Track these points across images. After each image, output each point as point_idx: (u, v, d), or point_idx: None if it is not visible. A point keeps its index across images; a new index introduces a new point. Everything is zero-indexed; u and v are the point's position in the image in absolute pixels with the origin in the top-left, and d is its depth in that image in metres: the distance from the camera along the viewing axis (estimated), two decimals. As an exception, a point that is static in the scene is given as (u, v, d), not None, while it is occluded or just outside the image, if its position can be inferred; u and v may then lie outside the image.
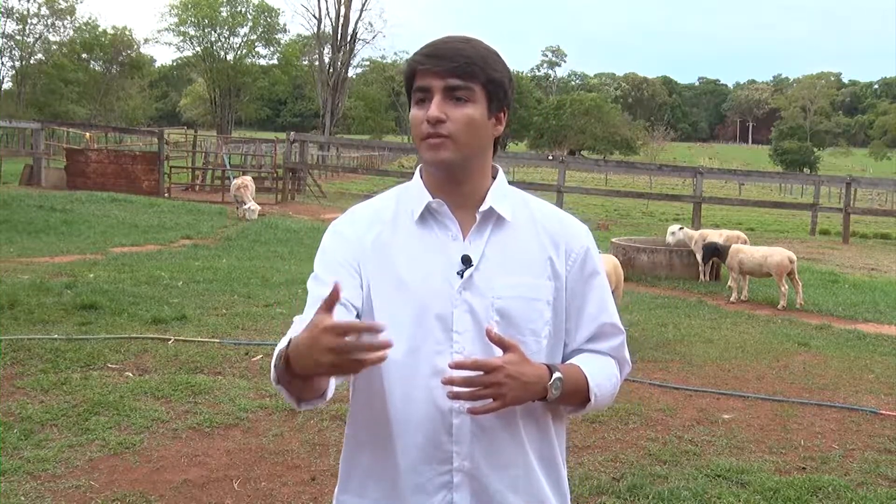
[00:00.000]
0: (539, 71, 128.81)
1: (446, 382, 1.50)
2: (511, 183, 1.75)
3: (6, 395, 5.31)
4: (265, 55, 71.67)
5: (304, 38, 68.80)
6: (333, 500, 1.72)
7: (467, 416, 1.57)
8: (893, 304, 10.76)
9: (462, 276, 1.60)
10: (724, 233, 12.58)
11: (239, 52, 67.68)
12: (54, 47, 61.50)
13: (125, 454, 4.52)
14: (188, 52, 68.99)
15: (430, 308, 1.59)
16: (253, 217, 16.57)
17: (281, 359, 1.43)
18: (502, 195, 1.67)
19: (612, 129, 79.65)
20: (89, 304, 7.75)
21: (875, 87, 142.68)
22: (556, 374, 1.57)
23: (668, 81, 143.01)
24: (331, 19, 52.84)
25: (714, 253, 10.89)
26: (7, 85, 62.63)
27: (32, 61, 60.57)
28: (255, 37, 68.55)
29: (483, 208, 1.64)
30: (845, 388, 6.66)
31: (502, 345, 1.52)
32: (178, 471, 4.36)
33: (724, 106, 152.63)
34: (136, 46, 66.14)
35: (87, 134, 29.64)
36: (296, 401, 1.54)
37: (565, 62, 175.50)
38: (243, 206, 16.81)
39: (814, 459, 4.98)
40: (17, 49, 59.83)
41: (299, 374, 1.40)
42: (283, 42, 71.18)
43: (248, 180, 17.63)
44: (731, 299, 10.52)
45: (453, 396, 1.51)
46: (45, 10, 59.96)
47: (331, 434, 4.90)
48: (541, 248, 1.66)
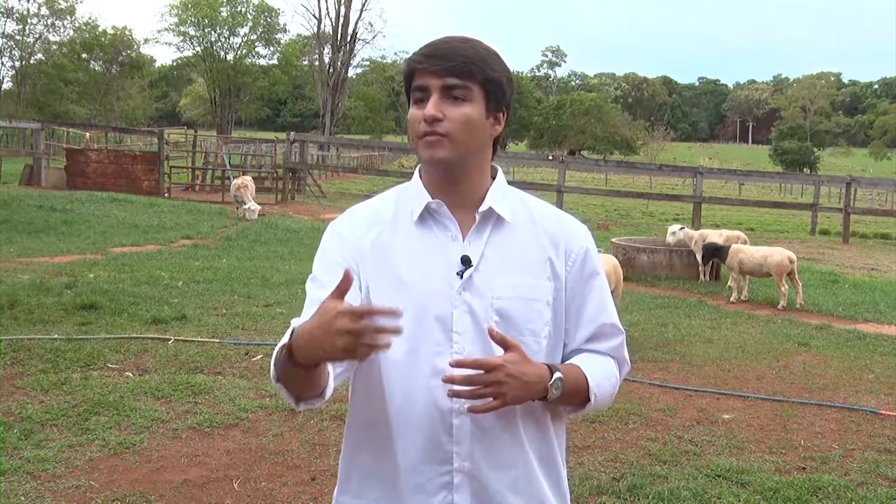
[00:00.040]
0: (539, 71, 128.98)
1: (446, 380, 1.50)
2: (511, 183, 1.75)
3: (6, 395, 5.31)
4: (265, 55, 71.79)
5: (304, 38, 68.82)
6: (333, 500, 1.72)
7: (467, 416, 1.57)
8: (893, 304, 10.76)
9: (461, 277, 1.60)
10: (724, 233, 12.58)
11: (239, 52, 67.69)
12: (54, 47, 61.53)
13: (125, 454, 4.52)
14: (188, 52, 69.10)
15: (430, 308, 1.59)
16: (253, 217, 16.57)
17: (283, 350, 1.43)
18: (502, 195, 1.67)
19: (612, 129, 79.66)
20: (89, 304, 7.76)
21: (875, 87, 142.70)
22: (556, 374, 1.57)
23: (668, 81, 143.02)
24: (331, 19, 52.88)
25: (714, 253, 10.90)
26: (7, 85, 62.74)
27: (32, 61, 60.58)
28: (255, 37, 68.57)
29: (482, 209, 1.64)
30: (845, 388, 6.66)
31: (504, 344, 1.53)
32: (178, 471, 4.36)
33: (724, 106, 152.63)
34: (136, 46, 66.18)
35: (87, 134, 29.64)
36: (295, 400, 1.54)
37: (565, 62, 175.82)
38: (243, 206, 16.81)
39: (814, 459, 4.98)
40: (17, 49, 59.88)
41: (302, 364, 1.40)
42: (283, 42, 71.28)
43: (248, 180, 17.63)
44: (731, 299, 10.52)
45: (453, 395, 1.51)
46: (45, 10, 60.02)
47: (331, 434, 4.90)
48: (540, 249, 1.66)
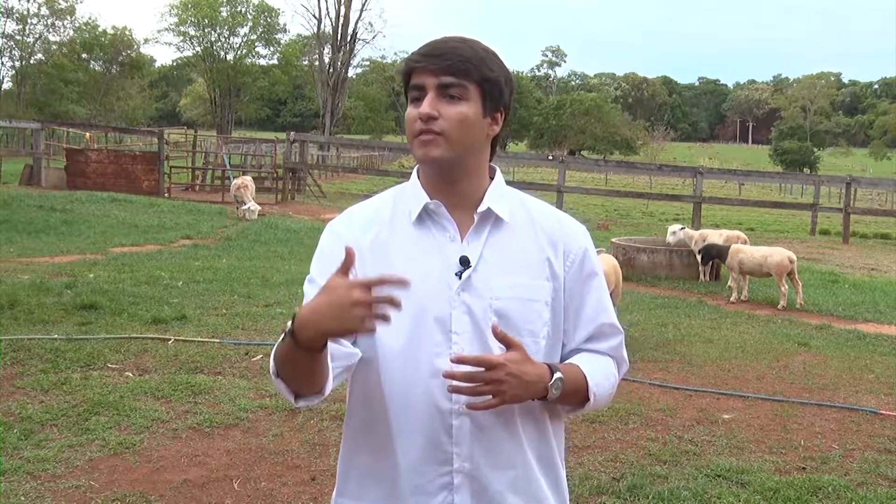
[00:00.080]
0: (539, 71, 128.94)
1: (447, 376, 1.50)
2: (511, 183, 1.75)
3: (6, 395, 5.31)
4: (265, 55, 71.77)
5: (304, 38, 68.82)
6: (331, 502, 1.71)
7: (467, 416, 1.57)
8: (893, 304, 10.76)
9: (460, 278, 1.60)
10: (724, 233, 12.58)
11: (239, 52, 67.68)
12: (54, 47, 61.53)
13: (125, 454, 4.52)
14: (188, 52, 69.09)
15: (429, 309, 1.58)
16: (253, 217, 16.57)
17: (286, 335, 1.43)
18: (500, 196, 1.67)
19: (612, 129, 79.68)
20: (89, 304, 7.76)
21: (875, 87, 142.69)
22: (556, 375, 1.57)
23: (668, 81, 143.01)
24: (331, 19, 52.86)
25: (713, 255, 10.90)
26: (7, 85, 62.74)
27: (32, 61, 60.58)
28: (255, 37, 68.56)
29: (481, 209, 1.63)
30: (845, 388, 6.66)
31: (506, 342, 1.53)
32: (178, 471, 4.36)
33: (724, 106, 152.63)
34: (136, 46, 66.19)
35: (87, 134, 29.64)
36: (294, 396, 1.53)
37: (565, 62, 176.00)
38: (243, 206, 16.81)
39: (814, 459, 4.98)
40: (17, 49, 59.88)
41: (307, 347, 1.40)
42: (283, 42, 71.27)
43: (248, 180, 17.63)
44: (731, 299, 10.52)
45: (453, 390, 1.51)
46: (45, 10, 60.01)
47: (331, 434, 4.89)
48: (539, 249, 1.66)
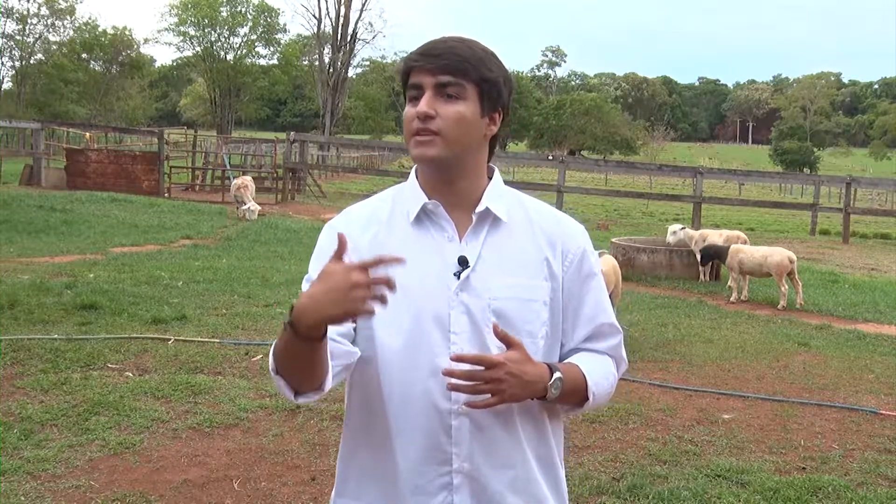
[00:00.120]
0: (539, 71, 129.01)
1: (446, 374, 1.50)
2: (511, 183, 1.75)
3: (6, 395, 5.31)
4: (265, 55, 71.73)
5: (304, 38, 68.80)
6: (330, 502, 1.71)
7: (466, 417, 1.57)
8: (893, 304, 10.76)
9: (458, 278, 1.60)
10: (724, 233, 12.58)
11: (239, 52, 67.66)
12: (54, 47, 61.52)
13: (125, 454, 4.52)
14: (188, 52, 69.07)
15: (427, 309, 1.58)
16: (253, 217, 16.57)
17: (286, 326, 1.42)
18: (498, 195, 1.66)
19: (612, 129, 79.70)
20: (89, 304, 7.76)
21: (875, 87, 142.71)
22: (556, 374, 1.57)
23: (668, 81, 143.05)
24: (331, 19, 52.85)
25: (713, 255, 10.90)
26: (7, 85, 62.73)
27: (32, 61, 60.58)
28: (255, 37, 68.54)
29: (479, 209, 1.63)
30: (845, 388, 6.66)
31: (507, 341, 1.53)
32: (178, 471, 4.36)
33: (724, 106, 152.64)
34: (136, 46, 66.19)
35: (87, 134, 29.64)
36: (294, 393, 1.53)
37: (565, 62, 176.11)
38: (243, 206, 16.82)
39: (814, 459, 4.98)
40: (17, 49, 59.88)
41: (307, 337, 1.40)
42: (283, 42, 71.23)
43: (248, 180, 17.63)
44: (731, 299, 10.52)
45: (452, 388, 1.51)
46: (45, 10, 60.02)
47: (331, 434, 4.89)
48: (537, 249, 1.66)
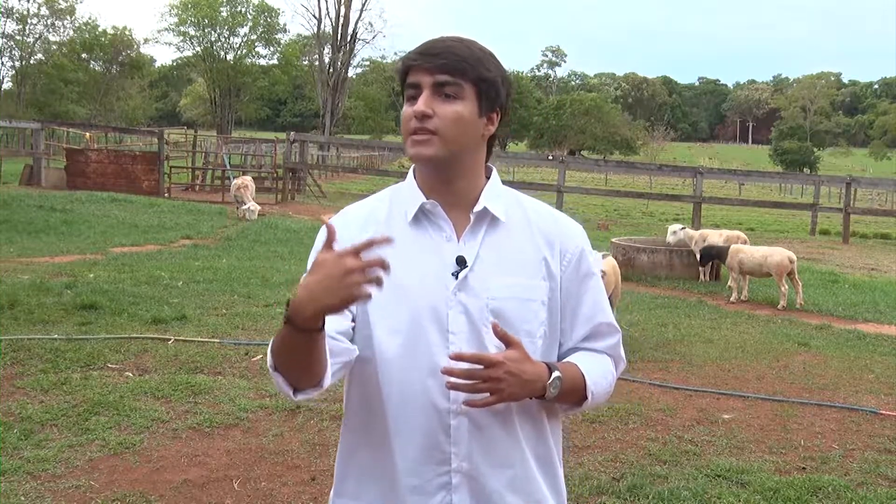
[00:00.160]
0: (539, 71, 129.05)
1: (445, 372, 1.50)
2: (511, 183, 1.75)
3: (6, 395, 5.31)
4: (265, 55, 71.69)
5: (304, 38, 68.76)
6: (329, 502, 1.71)
7: (464, 416, 1.57)
8: (893, 304, 10.76)
9: (457, 278, 1.60)
10: (724, 233, 12.58)
11: (239, 52, 67.64)
12: (54, 47, 61.51)
13: (125, 454, 4.52)
14: (188, 52, 69.04)
15: (426, 309, 1.58)
16: (253, 217, 16.57)
17: (284, 320, 1.42)
18: (496, 195, 1.67)
19: (612, 129, 79.69)
20: (89, 304, 7.75)
21: (875, 87, 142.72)
22: (555, 374, 1.57)
23: (668, 81, 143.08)
24: (331, 19, 52.85)
25: (713, 255, 10.90)
26: (7, 85, 62.73)
27: (32, 61, 60.57)
28: (255, 37, 68.51)
29: (477, 209, 1.63)
30: (845, 388, 6.66)
31: (506, 340, 1.53)
32: (178, 471, 4.36)
33: (724, 106, 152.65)
34: (136, 46, 66.17)
35: (87, 134, 29.64)
36: (293, 389, 1.53)
37: (565, 62, 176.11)
38: (243, 206, 16.82)
39: (814, 459, 4.98)
40: (17, 49, 59.87)
41: (305, 328, 1.40)
42: (283, 42, 71.20)
43: (248, 180, 17.63)
44: (731, 299, 10.52)
45: (451, 386, 1.51)
46: (45, 10, 60.01)
47: (331, 434, 4.89)
48: (535, 249, 1.66)
